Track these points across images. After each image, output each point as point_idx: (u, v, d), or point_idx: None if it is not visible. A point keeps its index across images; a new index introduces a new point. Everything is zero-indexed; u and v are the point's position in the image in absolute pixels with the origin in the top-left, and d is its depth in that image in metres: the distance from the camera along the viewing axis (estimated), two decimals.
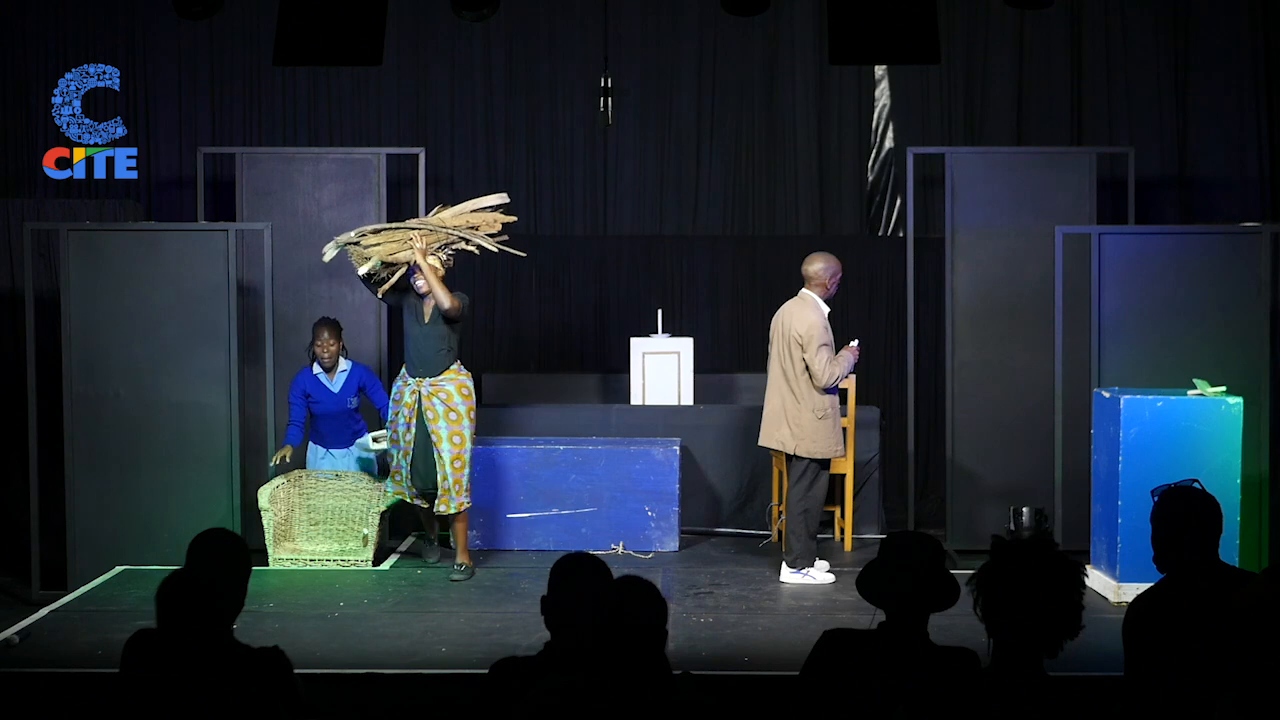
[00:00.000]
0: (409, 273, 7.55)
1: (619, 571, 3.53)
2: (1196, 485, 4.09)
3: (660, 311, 9.70)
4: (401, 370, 7.67)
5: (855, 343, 7.58)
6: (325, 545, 8.03)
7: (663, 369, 9.34)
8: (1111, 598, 6.88)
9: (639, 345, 9.44)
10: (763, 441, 7.65)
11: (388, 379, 8.55)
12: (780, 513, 8.13)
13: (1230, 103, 10.17)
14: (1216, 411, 6.90)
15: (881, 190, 10.61)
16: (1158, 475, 5.17)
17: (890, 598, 3.77)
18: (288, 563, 7.84)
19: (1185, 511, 3.99)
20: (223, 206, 9.34)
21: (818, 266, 7.47)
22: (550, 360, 10.59)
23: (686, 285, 10.64)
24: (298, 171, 9.09)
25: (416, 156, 9.21)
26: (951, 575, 3.79)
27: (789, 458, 7.51)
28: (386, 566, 7.94)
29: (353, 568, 7.82)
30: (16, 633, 6.35)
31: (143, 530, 7.81)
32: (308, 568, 7.83)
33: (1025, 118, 10.36)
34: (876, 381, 10.04)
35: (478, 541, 8.19)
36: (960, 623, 3.68)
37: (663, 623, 3.26)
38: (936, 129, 10.40)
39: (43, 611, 6.84)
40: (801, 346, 7.33)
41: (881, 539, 5.45)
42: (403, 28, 10.03)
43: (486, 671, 3.71)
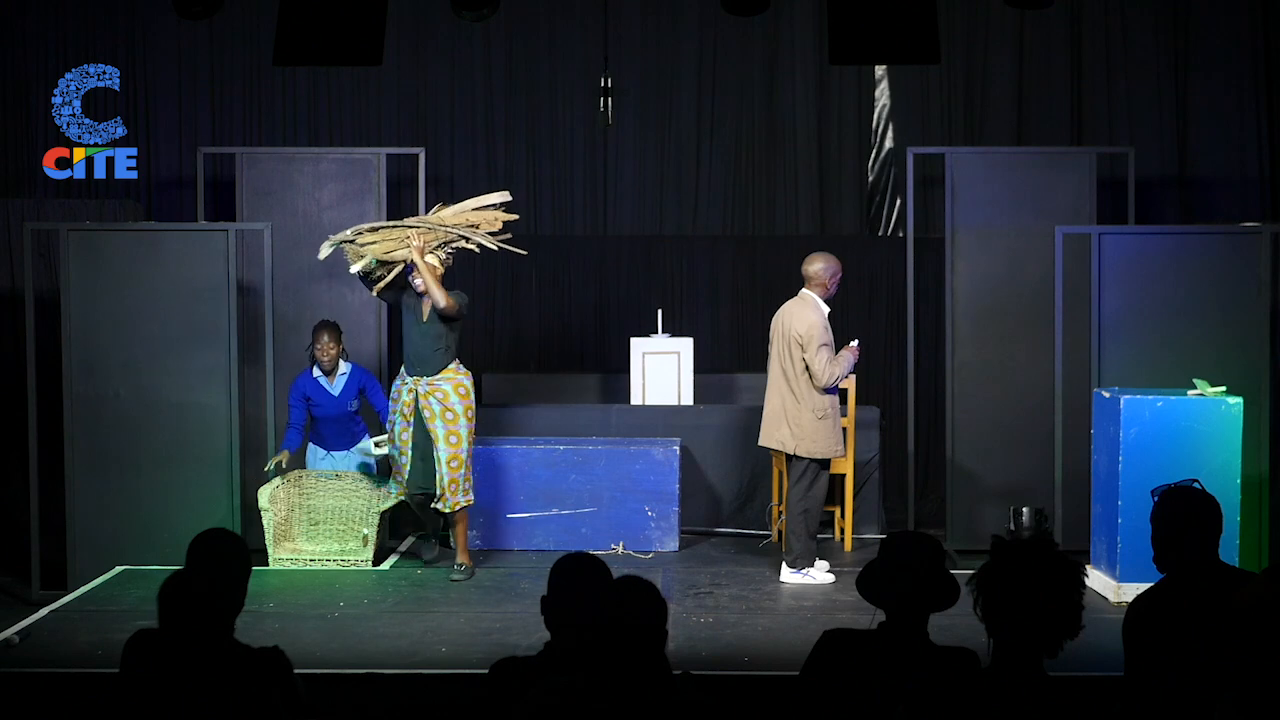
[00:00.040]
0: (407, 271, 7.55)
1: (619, 571, 3.53)
2: (1196, 485, 4.09)
3: (660, 311, 9.70)
4: (401, 370, 7.67)
5: (855, 343, 7.58)
6: (325, 545, 8.03)
7: (663, 369, 9.34)
8: (1111, 598, 6.88)
9: (639, 345, 9.44)
10: (763, 441, 7.65)
11: (388, 379, 8.55)
12: (780, 513, 8.13)
13: (1230, 103, 10.17)
14: (1216, 411, 6.90)
15: (881, 190, 10.61)
16: (1158, 475, 5.17)
17: (890, 598, 3.77)
18: (288, 563, 7.84)
19: (1185, 511, 3.99)
20: (223, 206, 9.34)
21: (818, 266, 7.47)
22: (550, 360, 10.59)
23: (686, 285, 10.64)
24: (298, 171, 9.09)
25: (416, 156, 9.22)
26: (951, 575, 3.79)
27: (789, 458, 7.51)
28: (386, 566, 7.94)
29: (353, 568, 7.82)
30: (16, 633, 6.35)
31: (143, 530, 7.81)
32: (308, 568, 7.83)
33: (1025, 118, 10.36)
34: (876, 381, 10.04)
35: (478, 541, 8.19)
36: (960, 623, 3.68)
37: (663, 623, 3.25)
38: (936, 129, 10.41)
39: (43, 611, 6.84)
40: (801, 346, 7.33)
41: (881, 539, 5.45)
42: (403, 28, 10.03)
43: (486, 671, 3.71)
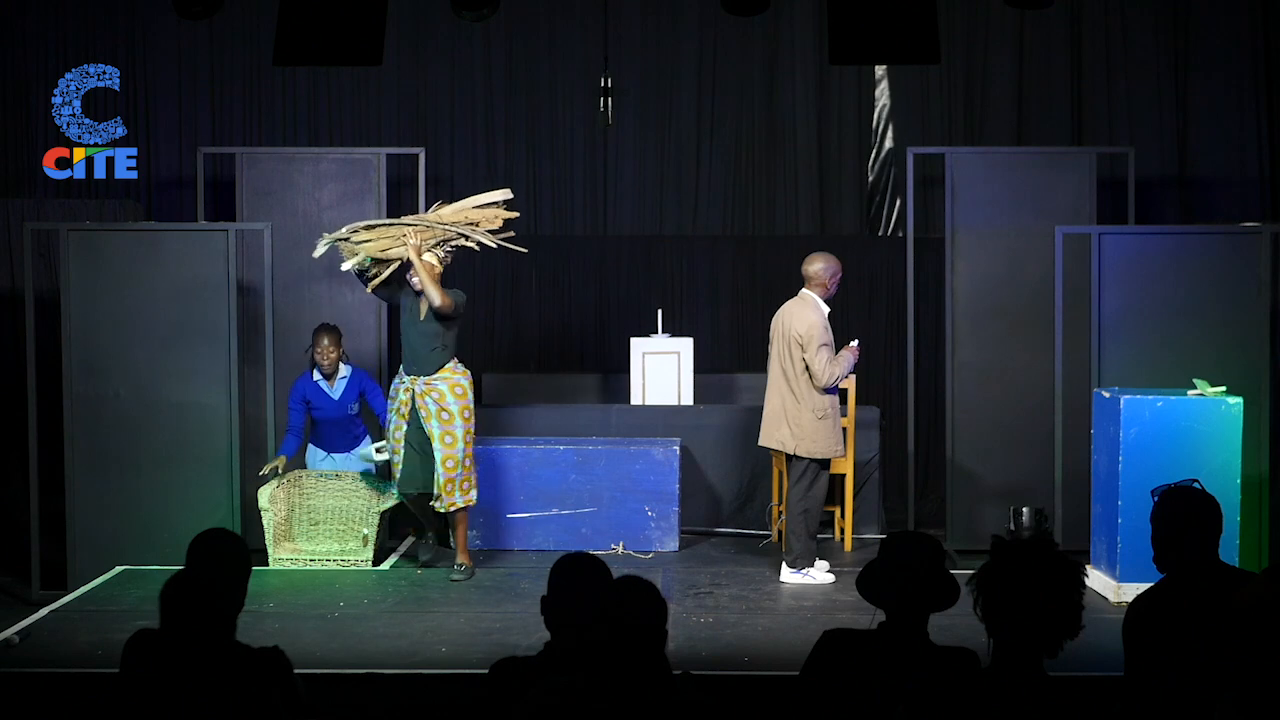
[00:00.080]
0: (404, 269, 7.54)
1: (619, 571, 3.53)
2: (1196, 485, 4.09)
3: (660, 311, 9.70)
4: (400, 369, 7.66)
5: (855, 343, 7.58)
6: (325, 545, 8.03)
7: (663, 369, 9.34)
8: (1111, 598, 6.88)
9: (639, 345, 9.44)
10: (763, 441, 7.65)
11: (388, 378, 8.55)
12: (780, 513, 8.13)
13: (1230, 103, 10.17)
14: (1216, 411, 6.90)
15: (881, 190, 10.61)
16: (1158, 475, 5.17)
17: (890, 598, 3.77)
18: (288, 563, 7.84)
19: (1185, 511, 3.99)
20: (223, 206, 9.34)
21: (818, 266, 7.47)
22: (550, 360, 10.59)
23: (686, 285, 10.64)
24: (298, 171, 9.09)
25: (416, 156, 9.22)
26: (951, 575, 3.79)
27: (789, 458, 7.51)
28: (386, 566, 7.94)
29: (353, 568, 7.82)
30: (16, 633, 6.35)
31: (143, 530, 7.81)
32: (308, 568, 7.83)
33: (1025, 118, 10.36)
34: (876, 381, 10.04)
35: (478, 541, 8.18)
36: (960, 623, 3.68)
37: (663, 623, 3.26)
38: (936, 129, 10.41)
39: (43, 611, 6.84)
40: (801, 346, 7.33)
41: (881, 539, 5.45)
42: (403, 28, 10.03)
43: (486, 671, 3.71)
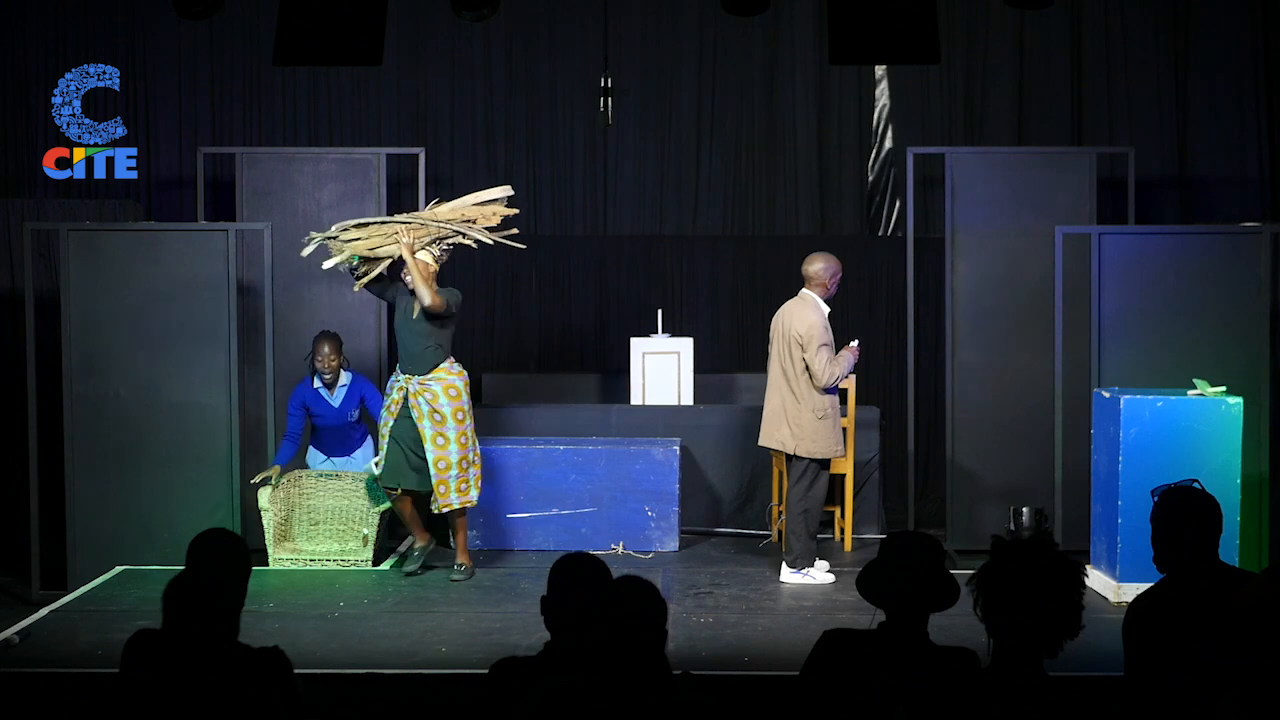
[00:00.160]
0: (399, 267, 7.53)
1: (619, 571, 3.53)
2: (1196, 485, 4.09)
3: (660, 311, 9.70)
4: (396, 367, 7.65)
5: (855, 343, 7.58)
6: (325, 545, 8.03)
7: (663, 369, 9.34)
8: (1111, 598, 6.88)
9: (639, 345, 9.44)
10: (763, 441, 7.65)
11: (388, 378, 8.53)
12: (780, 513, 8.13)
13: (1230, 103, 10.18)
14: (1216, 411, 6.90)
15: (881, 190, 10.61)
16: (1158, 475, 5.17)
17: (890, 598, 3.77)
18: (288, 563, 7.84)
19: (1185, 511, 3.99)
20: (223, 206, 9.34)
21: (818, 266, 7.47)
22: (550, 360, 10.60)
23: (686, 285, 10.64)
24: (298, 171, 9.10)
25: (416, 156, 9.22)
26: (951, 575, 3.79)
27: (789, 458, 7.51)
28: (386, 566, 7.94)
29: (353, 568, 7.82)
30: (16, 633, 6.35)
31: (143, 530, 7.81)
32: (308, 568, 7.83)
33: (1025, 118, 10.37)
34: (876, 381, 10.05)
35: (478, 541, 8.18)
36: (960, 623, 3.68)
37: (663, 623, 3.26)
38: (936, 129, 10.41)
39: (43, 611, 6.84)
40: (801, 346, 7.33)
41: (881, 539, 5.45)
42: (403, 28, 10.04)
43: (486, 671, 3.71)
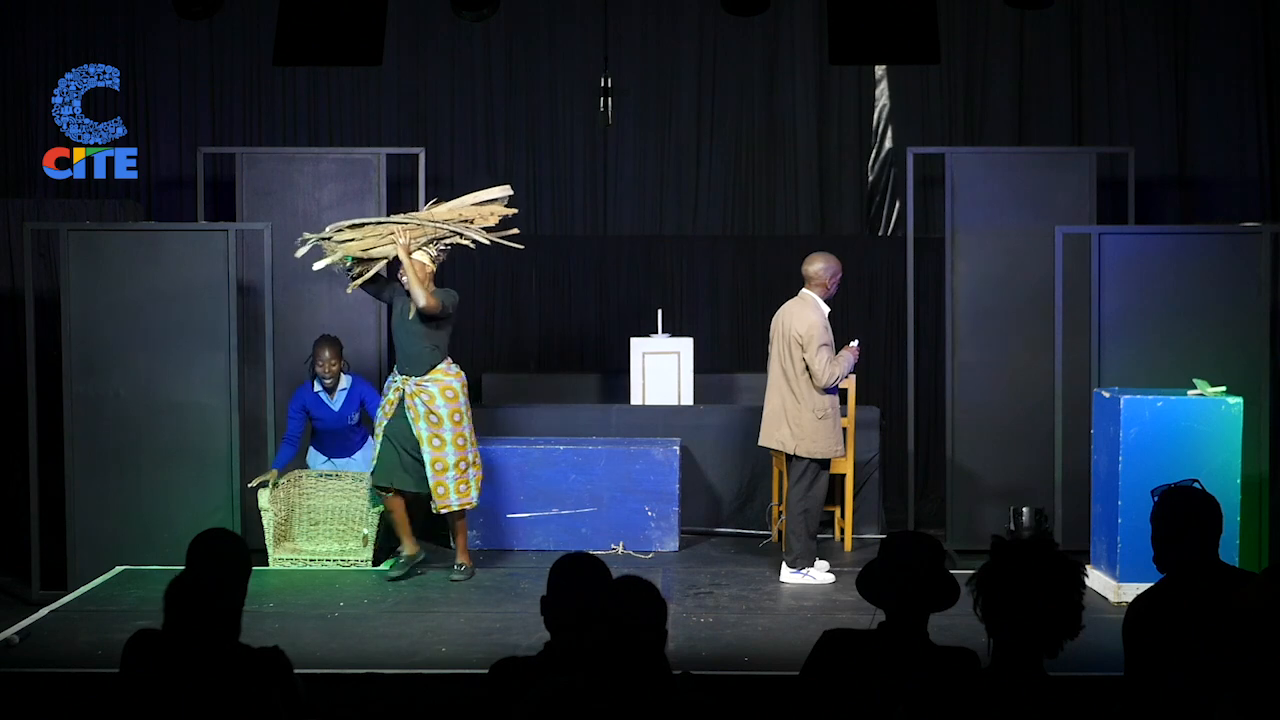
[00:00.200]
0: (396, 268, 7.53)
1: (619, 571, 3.53)
2: (1196, 485, 4.09)
3: (660, 311, 9.70)
4: (394, 368, 7.64)
5: (855, 343, 7.58)
6: (325, 545, 8.03)
7: (663, 369, 9.34)
8: (1111, 598, 6.88)
9: (639, 345, 9.44)
10: (763, 441, 7.65)
11: (387, 379, 8.54)
12: (780, 513, 8.13)
13: (1230, 103, 10.18)
14: (1216, 411, 6.90)
15: (881, 190, 10.61)
16: (1158, 475, 5.17)
17: (890, 598, 3.77)
18: (288, 563, 7.84)
19: (1185, 511, 4.00)
20: (223, 206, 9.34)
21: (818, 266, 7.47)
22: (550, 360, 10.60)
23: (686, 285, 10.64)
24: (298, 171, 9.09)
25: (416, 156, 9.22)
26: (951, 575, 3.79)
27: (789, 458, 7.51)
28: (386, 567, 7.93)
29: (353, 568, 7.82)
30: (16, 633, 6.35)
31: (143, 530, 7.81)
32: (308, 568, 7.83)
33: (1025, 118, 10.37)
34: (876, 381, 10.04)
35: (478, 541, 8.18)
36: (960, 623, 3.68)
37: (663, 623, 3.26)
38: (936, 129, 10.41)
39: (43, 611, 6.84)
40: (801, 346, 7.33)
41: (881, 539, 5.45)
42: (403, 28, 10.03)
43: (486, 671, 3.71)
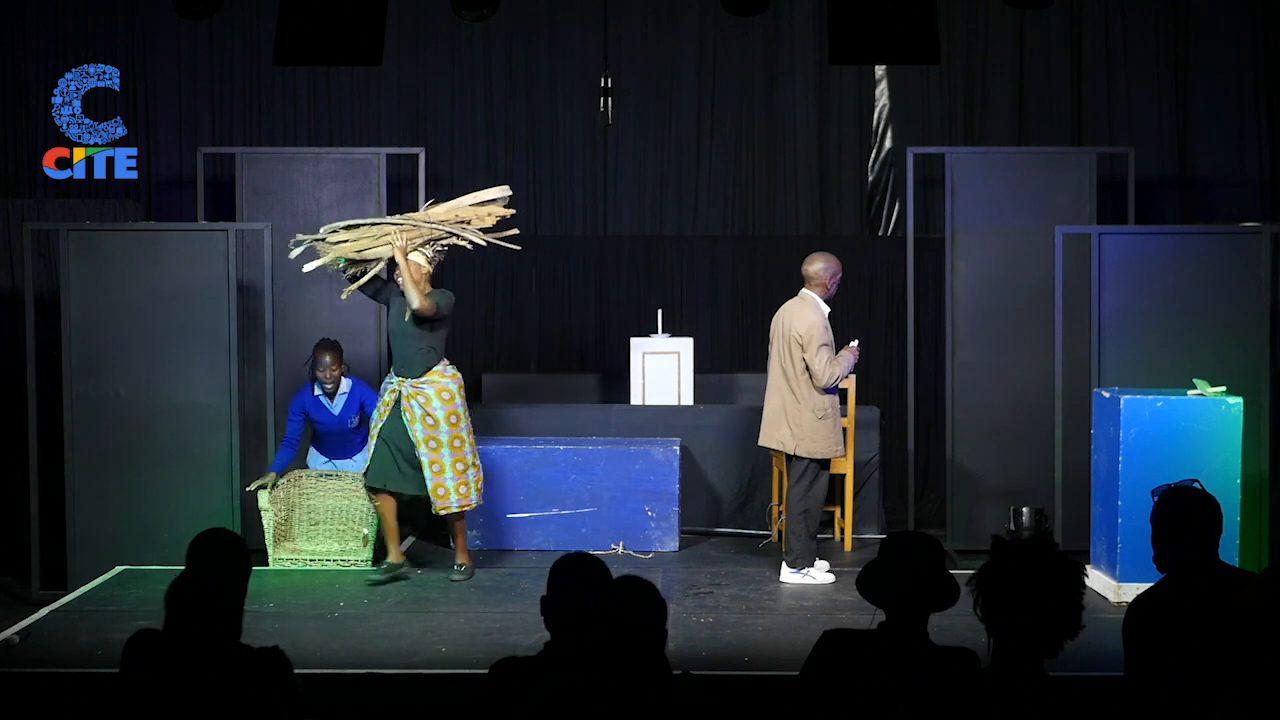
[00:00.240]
0: (391, 269, 7.52)
1: (619, 571, 3.53)
2: (1196, 485, 4.09)
3: (660, 311, 9.69)
4: (390, 369, 7.64)
5: (855, 343, 7.58)
6: (325, 545, 8.03)
7: (663, 369, 9.34)
8: (1111, 598, 6.89)
9: (639, 345, 9.43)
10: (763, 441, 7.65)
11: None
12: (780, 513, 8.13)
13: (1230, 103, 10.18)
14: (1216, 411, 6.90)
15: (881, 190, 10.61)
16: (1158, 475, 5.17)
17: (890, 598, 3.77)
18: (288, 563, 7.84)
19: (1185, 511, 4.00)
20: (223, 206, 9.34)
21: (818, 266, 7.47)
22: (550, 360, 10.60)
23: (686, 285, 10.64)
24: (298, 171, 9.09)
25: (416, 156, 9.22)
26: (951, 575, 3.79)
27: (789, 458, 7.51)
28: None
29: (353, 568, 7.82)
30: (16, 633, 6.35)
31: (143, 530, 7.81)
32: (308, 568, 7.83)
33: (1025, 118, 10.37)
34: (876, 381, 10.04)
35: (478, 541, 8.18)
36: (960, 623, 3.68)
37: (663, 623, 3.26)
38: (936, 129, 10.42)
39: (43, 611, 6.84)
40: (801, 346, 7.33)
41: (881, 539, 5.45)
42: (403, 28, 10.04)
43: (486, 671, 3.71)
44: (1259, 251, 7.74)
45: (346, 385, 8.07)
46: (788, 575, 7.48)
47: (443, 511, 7.47)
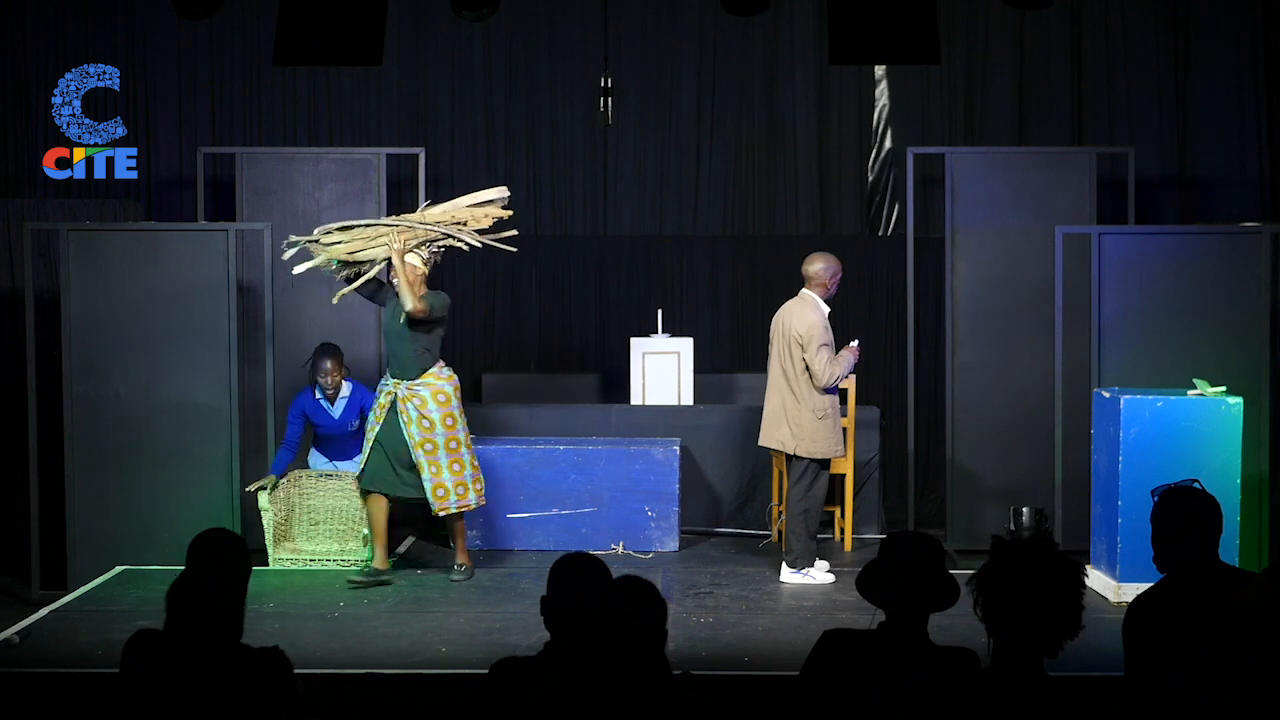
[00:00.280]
0: (387, 271, 7.52)
1: (619, 571, 3.53)
2: (1196, 485, 4.09)
3: (660, 311, 9.70)
4: (386, 371, 7.63)
5: (855, 343, 7.58)
6: (325, 545, 8.03)
7: (663, 369, 9.34)
8: (1111, 598, 6.89)
9: (639, 345, 9.44)
10: (763, 441, 7.65)
11: None
12: (780, 513, 8.14)
13: (1230, 103, 10.18)
14: (1216, 411, 6.90)
15: (881, 190, 10.61)
16: (1158, 475, 5.17)
17: (890, 598, 3.77)
18: (288, 563, 7.84)
19: (1185, 511, 3.99)
20: (223, 206, 9.34)
21: (818, 266, 7.47)
22: (550, 360, 10.59)
23: (686, 285, 10.64)
24: (298, 171, 9.09)
25: (416, 156, 9.21)
26: (951, 575, 3.79)
27: (789, 458, 7.51)
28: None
29: (353, 568, 7.81)
30: (16, 633, 6.35)
31: (143, 530, 7.81)
32: (308, 568, 7.83)
33: (1025, 118, 10.37)
34: (876, 381, 10.04)
35: (478, 541, 8.18)
36: (960, 623, 3.68)
37: (663, 623, 3.26)
38: (936, 129, 10.42)
39: (43, 611, 6.84)
40: (801, 346, 7.33)
41: (881, 539, 5.45)
42: (403, 28, 10.03)
43: (486, 671, 3.71)
44: (1259, 251, 7.74)
45: (347, 388, 8.07)
46: (788, 575, 7.48)
47: (442, 513, 7.47)
